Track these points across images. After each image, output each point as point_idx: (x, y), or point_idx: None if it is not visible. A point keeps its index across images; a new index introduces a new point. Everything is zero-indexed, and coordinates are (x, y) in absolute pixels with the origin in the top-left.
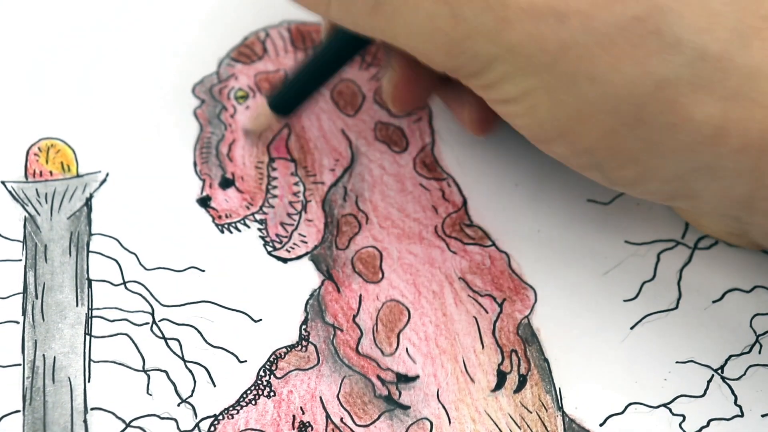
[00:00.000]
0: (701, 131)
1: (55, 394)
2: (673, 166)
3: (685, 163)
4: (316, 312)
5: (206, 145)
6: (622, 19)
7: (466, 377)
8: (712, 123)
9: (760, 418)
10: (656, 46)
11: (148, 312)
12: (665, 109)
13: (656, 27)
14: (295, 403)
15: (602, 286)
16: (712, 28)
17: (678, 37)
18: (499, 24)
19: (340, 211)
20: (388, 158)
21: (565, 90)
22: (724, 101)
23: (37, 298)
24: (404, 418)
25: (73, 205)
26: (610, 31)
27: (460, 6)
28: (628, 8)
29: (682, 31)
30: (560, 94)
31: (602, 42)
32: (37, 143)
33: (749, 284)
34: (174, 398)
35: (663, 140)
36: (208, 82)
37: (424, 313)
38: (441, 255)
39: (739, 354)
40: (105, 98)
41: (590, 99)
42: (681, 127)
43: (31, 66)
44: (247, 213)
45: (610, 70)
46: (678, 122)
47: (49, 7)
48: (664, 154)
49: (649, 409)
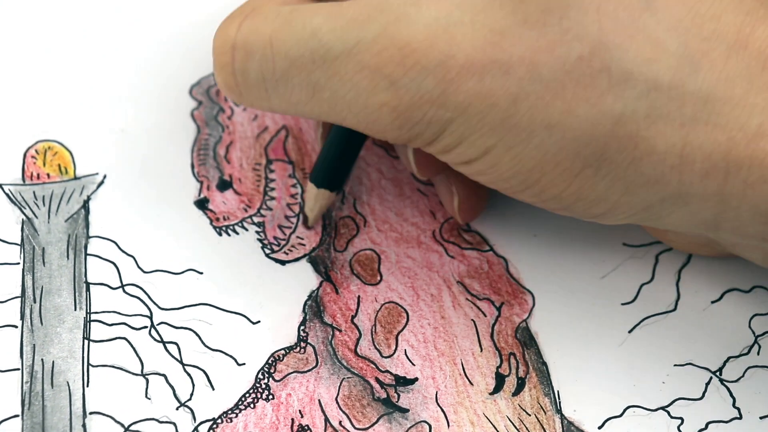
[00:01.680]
0: (665, 161)
1: (53, 399)
2: (641, 199)
3: (652, 195)
4: (314, 313)
5: (203, 147)
6: (568, 61)
7: (464, 380)
8: (675, 152)
9: (759, 420)
10: (607, 83)
11: (147, 315)
12: (627, 145)
13: (603, 64)
14: (293, 406)
15: (600, 289)
16: (659, 57)
17: (627, 71)
18: (443, 87)
19: (338, 213)
20: (386, 163)
21: (523, 143)
22: (684, 128)
23: (36, 302)
24: (403, 421)
25: (70, 207)
26: (557, 75)
27: (399, 76)
28: (571, 49)
29: (630, 64)
30: (519, 148)
31: (552, 88)
32: (34, 146)
33: (748, 284)
34: (173, 402)
35: (628, 176)
36: (205, 83)
37: (422, 315)
38: (439, 259)
39: (738, 355)
40: (102, 100)
41: (550, 148)
42: (645, 160)
43: (29, 68)
44: (245, 215)
45: (566, 115)
46: (641, 156)
47: (47, 8)
48: (631, 190)
49: (648, 412)
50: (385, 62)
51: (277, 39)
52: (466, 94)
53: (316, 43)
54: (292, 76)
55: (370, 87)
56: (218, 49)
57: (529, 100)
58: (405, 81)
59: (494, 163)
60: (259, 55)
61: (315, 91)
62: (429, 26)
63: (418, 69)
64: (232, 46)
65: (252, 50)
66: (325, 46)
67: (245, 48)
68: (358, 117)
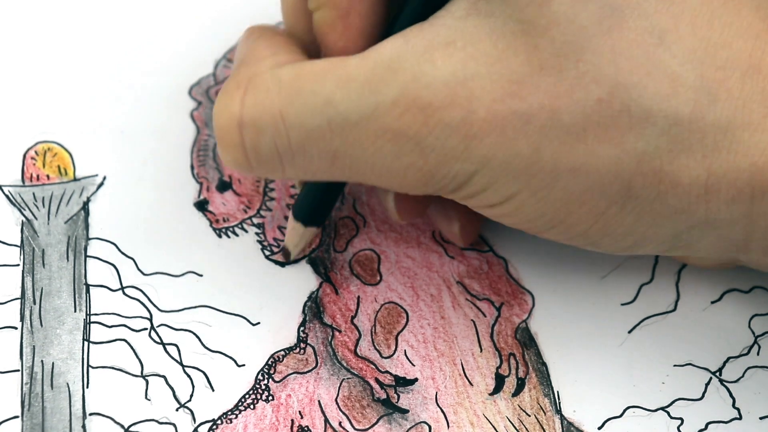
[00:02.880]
0: (691, 193)
1: (53, 400)
2: (668, 230)
3: (680, 224)
4: (314, 313)
5: (203, 148)
6: (588, 105)
7: (464, 380)
8: (700, 183)
9: (759, 421)
10: (627, 122)
11: (146, 317)
12: (652, 181)
13: (623, 104)
14: (293, 407)
15: (600, 289)
16: (677, 91)
17: (647, 109)
18: (466, 142)
19: (338, 214)
20: None
21: (548, 188)
22: (707, 159)
23: (35, 304)
24: (403, 421)
25: (70, 209)
26: (578, 120)
27: (424, 137)
28: (590, 93)
29: (649, 102)
30: (544, 192)
31: (574, 132)
32: (33, 147)
33: (748, 285)
34: (172, 403)
35: (655, 209)
36: (204, 83)
37: (422, 316)
38: (439, 259)
39: (738, 356)
40: (102, 101)
41: (575, 190)
42: (670, 193)
43: (28, 69)
44: (244, 216)
45: (589, 157)
46: (666, 190)
47: (46, 9)
48: (658, 222)
49: (647, 413)
50: (408, 125)
51: (288, 113)
52: (489, 147)
53: (332, 112)
54: (309, 148)
55: (395, 150)
56: (223, 129)
57: (551, 146)
58: (430, 141)
59: (518, 207)
60: (271, 131)
61: (335, 159)
62: (448, 83)
63: (441, 128)
64: (238, 125)
65: (262, 127)
66: (341, 114)
67: (254, 125)
68: (382, 179)
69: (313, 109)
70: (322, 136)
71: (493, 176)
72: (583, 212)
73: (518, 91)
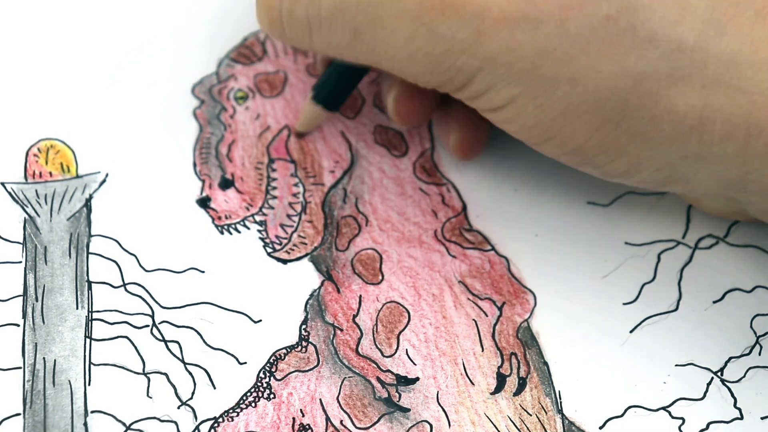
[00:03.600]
0: (685, 121)
1: (55, 397)
2: (662, 156)
3: (673, 153)
4: (315, 312)
5: (206, 146)
6: (595, 19)
7: (465, 380)
8: (695, 113)
9: (760, 421)
10: (631, 42)
11: (148, 314)
12: (647, 103)
13: (629, 24)
14: (294, 406)
15: (602, 289)
16: (685, 19)
17: (652, 32)
18: (476, 37)
19: (340, 212)
20: (387, 162)
21: (547, 94)
22: (705, 90)
23: (38, 301)
24: (404, 420)
25: (72, 206)
26: (584, 32)
27: (437, 25)
28: (600, 8)
29: (655, 25)
30: (543, 98)
31: (578, 44)
32: (36, 144)
33: (750, 284)
34: (174, 401)
35: (648, 132)
36: (207, 82)
37: (423, 315)
38: (441, 259)
39: (739, 356)
40: (104, 99)
41: (573, 100)
42: (665, 118)
43: (30, 67)
44: (246, 214)
45: (589, 71)
46: (661, 114)
47: (49, 7)
48: (651, 146)
49: (649, 412)
50: (426, 10)
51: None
52: (496, 45)
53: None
54: (335, 19)
55: (409, 33)
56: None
57: (555, 54)
58: (442, 29)
59: (519, 112)
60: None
61: (356, 34)
62: None
63: (455, 19)
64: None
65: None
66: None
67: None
68: (394, 60)
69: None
70: (348, 9)
71: (497, 76)
72: (578, 125)
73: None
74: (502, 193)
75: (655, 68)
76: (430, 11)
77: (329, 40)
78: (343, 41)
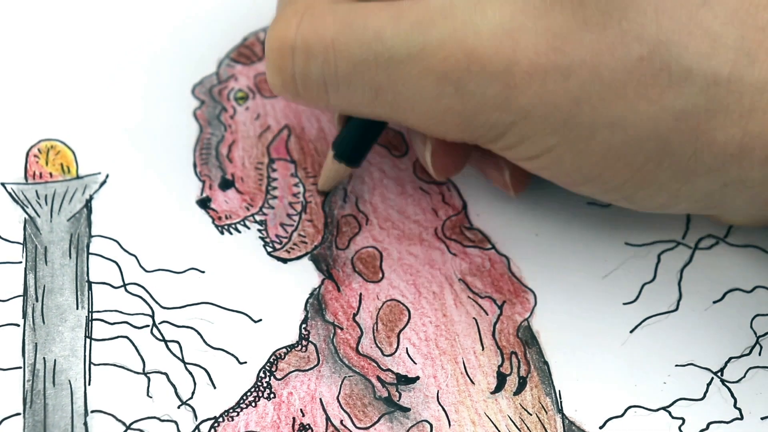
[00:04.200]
0: (726, 151)
1: (55, 397)
2: (702, 187)
3: (713, 183)
4: (316, 311)
5: (206, 146)
6: (629, 62)
7: (465, 379)
8: (735, 142)
9: (760, 421)
10: (667, 81)
11: (148, 314)
12: (688, 139)
13: (663, 63)
14: (295, 405)
15: (602, 288)
16: (717, 52)
17: (687, 68)
18: (507, 92)
19: (340, 212)
20: (387, 162)
21: (586, 141)
22: (743, 119)
23: (38, 301)
24: (404, 420)
25: (73, 206)
26: (618, 76)
27: (465, 82)
28: (631, 50)
29: (689, 61)
30: (582, 145)
31: (613, 88)
32: (36, 145)
33: (750, 284)
34: (174, 400)
35: (690, 167)
36: (207, 82)
37: (424, 313)
38: (441, 257)
39: (739, 356)
40: (105, 99)
41: (613, 144)
42: (705, 151)
43: (31, 67)
44: (247, 214)
45: (628, 113)
46: (702, 148)
47: (49, 7)
48: (692, 179)
49: (649, 412)
50: (451, 68)
51: (339, 41)
52: (529, 99)
53: (380, 47)
54: (354, 79)
55: (436, 92)
56: (276, 51)
57: (591, 101)
58: (471, 87)
59: (556, 160)
60: (321, 58)
61: (378, 94)
62: (494, 32)
63: (483, 75)
64: (291, 48)
65: (314, 53)
66: (390, 50)
67: (306, 50)
68: (421, 119)
69: (362, 42)
70: (368, 68)
71: (531, 128)
72: (619, 167)
73: (561, 46)
74: (502, 192)
75: (694, 104)
76: (456, 69)
77: (349, 100)
78: (364, 101)
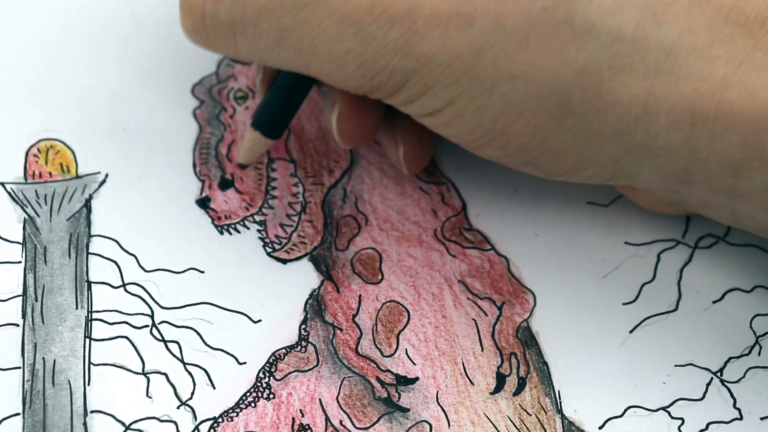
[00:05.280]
0: (630, 112)
1: (54, 397)
2: (608, 151)
3: (618, 147)
4: (315, 311)
5: (206, 146)
6: (531, 13)
7: (465, 379)
8: (640, 103)
9: (760, 421)
10: (570, 34)
11: (148, 314)
12: (591, 97)
13: (567, 16)
14: (294, 406)
15: (602, 289)
16: (622, 9)
17: (590, 23)
18: (408, 36)
19: (340, 212)
20: (387, 161)
21: (487, 94)
22: (648, 79)
23: (37, 301)
24: (403, 420)
25: (72, 206)
26: (521, 27)
27: (367, 24)
28: (535, 1)
29: (593, 16)
30: (483, 98)
31: (516, 39)
32: (36, 144)
33: (750, 284)
34: (173, 401)
35: (593, 127)
36: (207, 82)
37: (423, 314)
38: (440, 258)
39: (739, 356)
40: (104, 99)
41: (513, 98)
42: (609, 111)
43: (30, 67)
44: (246, 214)
45: (529, 66)
46: (605, 107)
47: (49, 7)
48: (596, 141)
49: (648, 413)
50: (354, 10)
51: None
52: (430, 45)
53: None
54: (260, 21)
55: (338, 34)
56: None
57: (492, 51)
58: (372, 29)
59: (458, 114)
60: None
61: (282, 37)
62: None
63: (385, 18)
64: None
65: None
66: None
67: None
68: (323, 64)
69: None
70: (274, 11)
71: (432, 77)
72: (520, 124)
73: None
74: (502, 193)
75: (596, 60)
76: (358, 10)
77: (254, 45)
78: (269, 45)
